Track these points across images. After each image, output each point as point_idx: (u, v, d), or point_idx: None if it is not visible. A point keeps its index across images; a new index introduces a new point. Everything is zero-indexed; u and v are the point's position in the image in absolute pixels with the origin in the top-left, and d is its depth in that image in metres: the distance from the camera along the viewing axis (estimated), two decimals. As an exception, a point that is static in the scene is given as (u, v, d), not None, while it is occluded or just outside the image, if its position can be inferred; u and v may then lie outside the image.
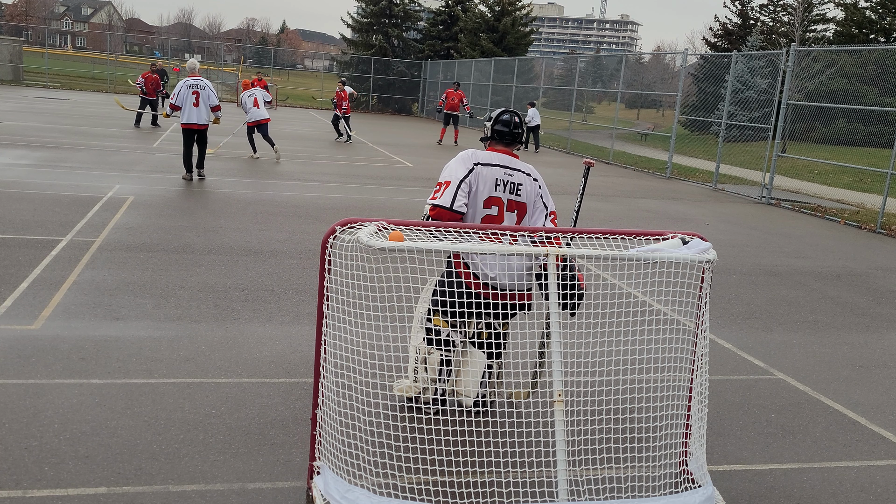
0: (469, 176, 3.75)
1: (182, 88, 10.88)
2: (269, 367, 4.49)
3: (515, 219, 3.86)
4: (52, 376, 4.08)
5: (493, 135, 3.99)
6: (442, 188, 3.74)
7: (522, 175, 3.87)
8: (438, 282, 3.88)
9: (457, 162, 3.82)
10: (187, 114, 10.92)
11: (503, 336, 3.87)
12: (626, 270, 6.63)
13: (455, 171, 3.77)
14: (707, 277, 3.26)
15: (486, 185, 3.78)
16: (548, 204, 3.93)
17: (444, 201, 3.70)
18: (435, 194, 3.75)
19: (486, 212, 3.78)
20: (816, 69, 20.84)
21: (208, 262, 6.68)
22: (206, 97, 10.99)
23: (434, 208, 3.72)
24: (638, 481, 3.39)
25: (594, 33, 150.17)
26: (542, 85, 28.18)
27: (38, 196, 8.92)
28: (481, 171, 3.78)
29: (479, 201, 3.77)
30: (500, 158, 3.87)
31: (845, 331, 6.27)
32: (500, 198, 3.80)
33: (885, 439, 4.21)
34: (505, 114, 3.99)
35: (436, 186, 3.79)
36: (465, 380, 3.84)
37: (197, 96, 10.89)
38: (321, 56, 60.75)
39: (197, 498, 3.08)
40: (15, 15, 77.64)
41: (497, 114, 4.02)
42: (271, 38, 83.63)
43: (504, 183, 3.81)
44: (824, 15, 33.25)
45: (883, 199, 12.09)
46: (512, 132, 3.96)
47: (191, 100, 10.86)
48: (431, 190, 3.94)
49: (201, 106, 10.96)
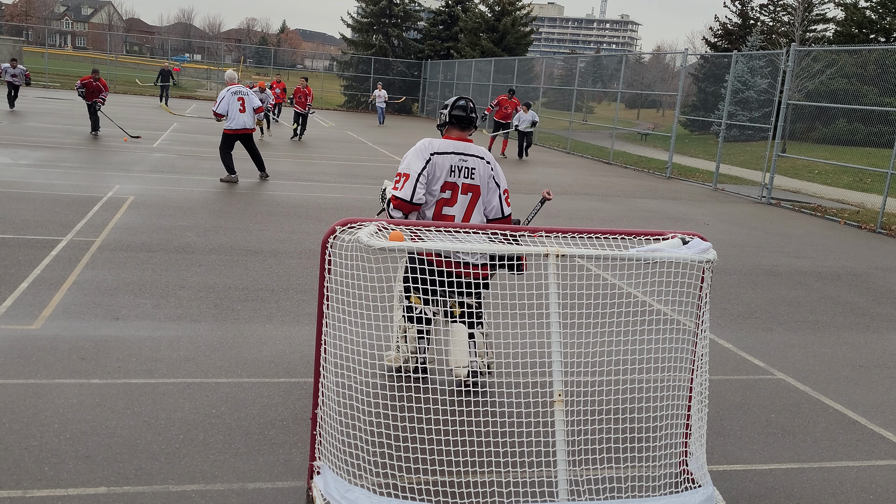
0: (426, 167, 4.11)
1: (226, 96, 11.34)
2: (269, 367, 4.49)
3: (469, 200, 4.20)
4: (52, 376, 4.08)
5: (451, 120, 4.29)
6: (402, 180, 4.11)
7: (475, 159, 4.22)
8: (408, 259, 4.16)
9: (414, 154, 4.17)
10: (235, 119, 11.35)
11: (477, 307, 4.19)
12: (626, 270, 6.63)
13: (413, 165, 4.12)
14: (707, 277, 3.26)
15: (441, 172, 4.13)
16: (500, 183, 4.29)
17: (404, 195, 4.08)
18: (396, 184, 4.14)
19: (442, 195, 4.16)
20: (816, 69, 20.84)
21: (208, 262, 6.68)
22: (249, 102, 11.53)
23: (395, 199, 4.10)
24: (638, 481, 3.39)
25: (594, 33, 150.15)
26: (542, 85, 28.18)
27: (38, 196, 8.92)
28: (437, 160, 4.14)
29: (435, 187, 4.14)
30: (455, 146, 4.21)
31: (845, 331, 6.27)
32: (455, 182, 4.16)
33: (885, 439, 4.21)
34: (461, 100, 4.33)
35: (396, 176, 4.16)
36: (454, 354, 4.13)
37: (242, 102, 11.37)
38: (321, 56, 60.79)
39: (197, 498, 3.08)
40: (15, 15, 77.66)
41: (454, 100, 4.34)
42: (271, 38, 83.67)
43: (459, 168, 4.17)
44: (824, 15, 33.24)
45: (883, 199, 12.08)
46: (468, 116, 4.30)
47: (237, 106, 11.32)
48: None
49: (247, 111, 11.45)
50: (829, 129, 23.23)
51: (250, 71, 45.77)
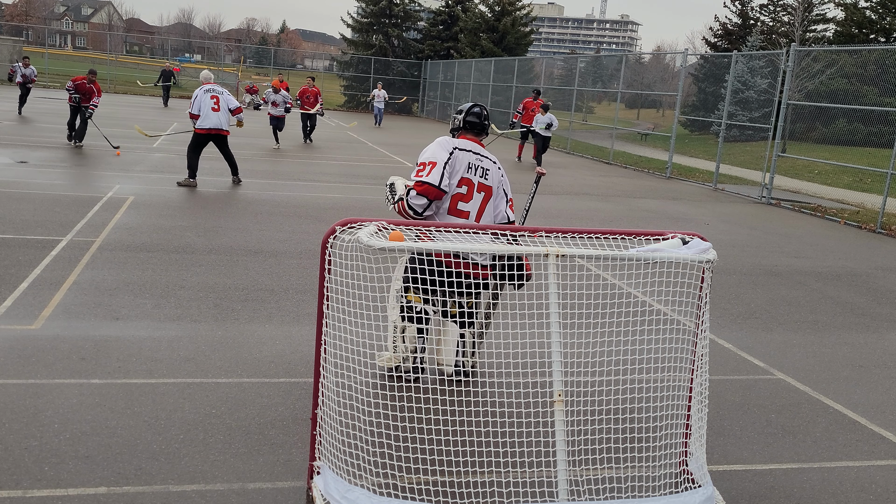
0: (449, 159, 4.21)
1: (199, 94, 10.60)
2: (269, 367, 4.49)
3: (482, 199, 4.31)
4: (52, 376, 4.08)
5: (464, 125, 4.49)
6: (428, 167, 4.17)
7: (489, 162, 4.38)
8: (409, 259, 4.18)
9: (437, 146, 4.28)
10: (207, 118, 10.58)
11: (475, 307, 4.31)
12: (626, 270, 6.62)
13: (438, 154, 4.22)
14: (707, 277, 3.26)
15: (461, 166, 4.25)
16: (507, 192, 4.45)
17: (432, 179, 4.14)
18: (420, 173, 4.18)
19: (458, 190, 4.24)
20: (816, 69, 20.84)
21: (208, 262, 6.68)
22: (225, 101, 10.73)
23: (422, 185, 4.14)
24: (638, 481, 3.39)
25: (594, 33, 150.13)
26: (542, 85, 28.13)
27: (38, 196, 8.92)
28: (458, 154, 4.26)
29: (453, 181, 4.23)
30: (472, 146, 4.37)
31: (845, 331, 6.27)
32: (472, 179, 4.27)
33: (885, 439, 4.21)
34: (476, 107, 4.52)
35: (419, 166, 4.22)
36: (443, 351, 4.27)
37: (216, 101, 10.63)
38: (321, 56, 60.79)
39: (197, 498, 3.08)
40: (15, 15, 77.66)
41: (468, 106, 4.52)
42: (271, 38, 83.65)
43: (475, 167, 4.30)
44: (824, 15, 33.25)
45: (883, 199, 12.08)
46: (482, 123, 4.49)
47: (209, 104, 10.58)
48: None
49: (222, 111, 10.66)
50: (829, 129, 23.22)
51: (250, 71, 45.75)
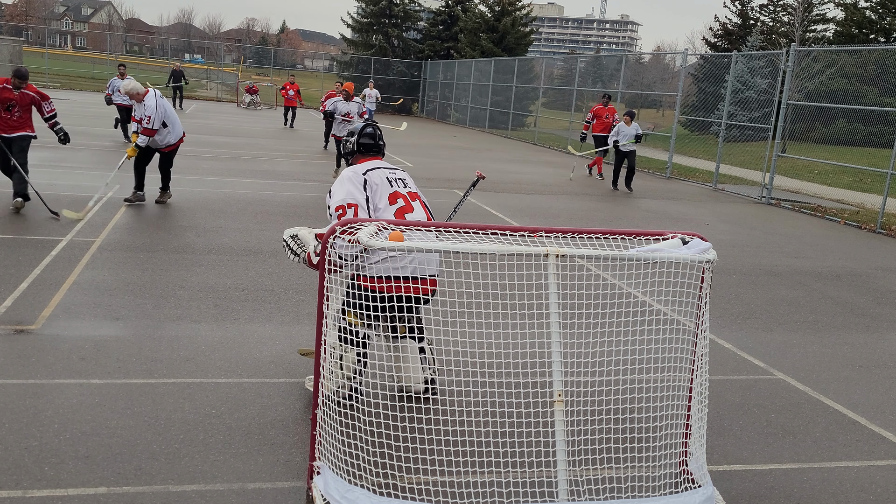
0: (366, 191, 3.93)
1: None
2: (269, 367, 4.49)
3: (420, 204, 4.07)
4: (52, 376, 4.08)
5: (359, 148, 4.19)
6: (350, 212, 3.84)
7: (399, 171, 4.16)
8: (349, 283, 3.85)
9: (349, 185, 3.93)
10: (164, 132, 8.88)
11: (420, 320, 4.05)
12: (626, 270, 6.63)
13: (354, 194, 3.89)
14: (707, 277, 3.26)
15: (381, 183, 3.98)
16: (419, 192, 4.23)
17: None
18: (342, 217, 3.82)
19: (395, 206, 3.94)
20: (816, 69, 20.83)
21: (208, 262, 6.68)
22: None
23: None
24: (638, 481, 3.39)
25: (594, 33, 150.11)
26: (542, 85, 28.17)
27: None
28: (371, 176, 3.98)
29: (383, 201, 3.93)
30: (377, 163, 4.12)
31: (845, 331, 6.27)
32: (400, 191, 4.02)
33: (885, 439, 4.21)
34: (368, 127, 4.22)
35: (337, 210, 3.86)
36: (410, 369, 3.97)
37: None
38: (321, 56, 60.77)
39: (197, 498, 3.08)
40: (15, 15, 77.69)
41: (360, 128, 4.22)
42: (271, 38, 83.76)
43: (393, 179, 4.05)
44: (824, 15, 33.24)
45: (883, 199, 12.08)
46: (377, 143, 4.21)
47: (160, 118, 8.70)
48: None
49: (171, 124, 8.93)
50: (829, 129, 23.22)
51: (250, 71, 45.77)
